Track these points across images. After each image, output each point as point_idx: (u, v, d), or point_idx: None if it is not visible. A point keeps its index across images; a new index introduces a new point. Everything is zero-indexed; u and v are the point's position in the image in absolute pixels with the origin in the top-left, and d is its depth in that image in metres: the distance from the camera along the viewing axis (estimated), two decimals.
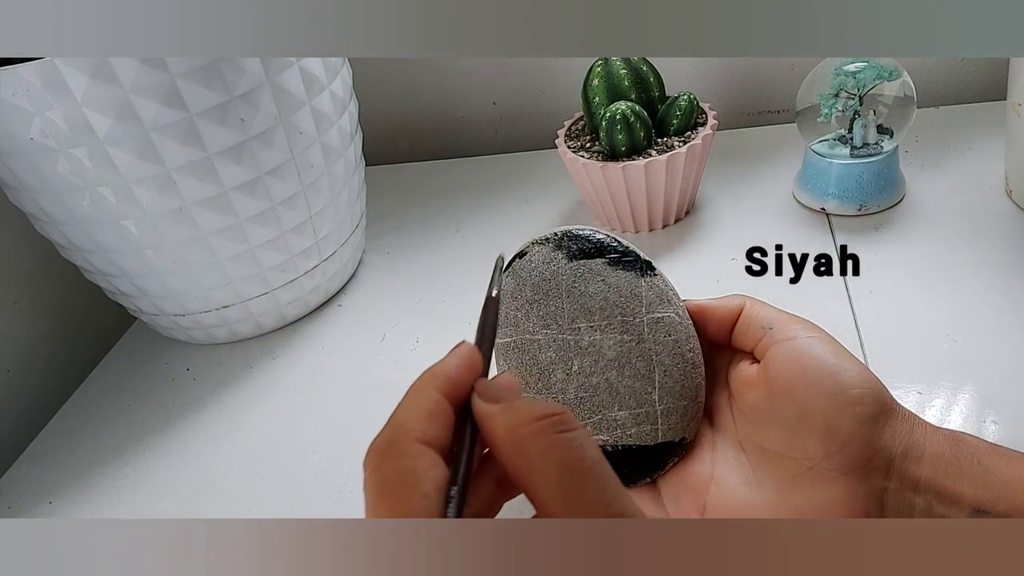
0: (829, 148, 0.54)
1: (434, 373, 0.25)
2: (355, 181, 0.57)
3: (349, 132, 0.55)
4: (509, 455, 0.22)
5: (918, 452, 0.29)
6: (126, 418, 0.52)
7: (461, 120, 0.78)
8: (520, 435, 0.22)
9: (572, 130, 0.59)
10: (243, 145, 0.46)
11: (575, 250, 0.35)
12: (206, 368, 0.55)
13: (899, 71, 0.51)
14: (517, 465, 0.22)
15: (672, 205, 0.56)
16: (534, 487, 0.22)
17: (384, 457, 0.22)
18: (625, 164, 0.52)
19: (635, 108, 0.52)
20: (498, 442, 0.23)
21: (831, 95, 0.51)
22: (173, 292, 0.51)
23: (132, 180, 0.44)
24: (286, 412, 0.49)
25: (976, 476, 0.27)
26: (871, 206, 0.54)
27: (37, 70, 0.39)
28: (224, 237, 0.49)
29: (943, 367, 0.41)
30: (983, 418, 0.38)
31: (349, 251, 0.59)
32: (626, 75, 0.54)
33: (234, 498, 0.44)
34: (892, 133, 0.53)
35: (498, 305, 0.28)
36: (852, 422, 0.29)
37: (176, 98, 0.42)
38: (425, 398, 0.24)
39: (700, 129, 0.55)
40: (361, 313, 0.58)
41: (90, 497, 0.46)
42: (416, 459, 0.22)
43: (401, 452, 0.22)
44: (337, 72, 0.52)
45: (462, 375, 0.25)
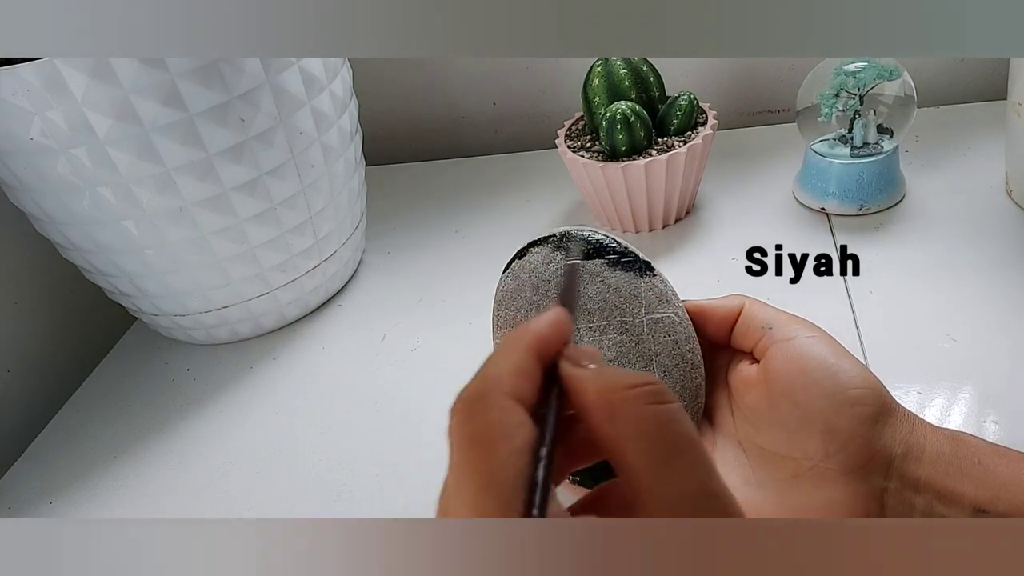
0: (829, 148, 0.54)
1: (526, 330, 0.24)
2: (355, 181, 0.57)
3: (349, 132, 0.55)
4: (599, 420, 0.22)
5: (918, 452, 0.29)
6: (126, 418, 0.52)
7: (461, 120, 0.78)
8: (613, 400, 0.21)
9: (572, 130, 0.59)
10: (243, 145, 0.46)
11: (574, 251, 0.35)
12: (206, 368, 0.55)
13: (899, 71, 0.51)
14: (607, 431, 0.21)
15: (672, 205, 0.56)
16: (624, 454, 0.21)
17: (475, 408, 0.21)
18: (625, 164, 0.52)
19: (635, 108, 0.52)
20: (589, 406, 0.22)
21: (831, 95, 0.51)
22: (173, 292, 0.51)
23: (132, 180, 0.44)
24: (286, 412, 0.49)
25: (976, 476, 0.27)
26: (871, 206, 0.54)
27: (37, 70, 0.39)
28: (224, 237, 0.49)
29: (943, 367, 0.41)
30: (983, 418, 0.38)
31: (349, 251, 0.59)
32: (626, 75, 0.54)
33: (234, 498, 0.44)
34: (892, 133, 0.53)
35: (578, 272, 0.28)
36: (852, 422, 0.29)
37: (176, 98, 0.42)
38: (516, 354, 0.23)
39: (700, 129, 0.55)
40: (361, 313, 0.58)
41: (90, 497, 0.46)
42: (507, 413, 0.21)
43: (492, 404, 0.21)
44: (337, 72, 0.52)
45: (553, 336, 0.24)
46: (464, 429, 0.21)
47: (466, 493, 0.20)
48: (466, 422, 0.21)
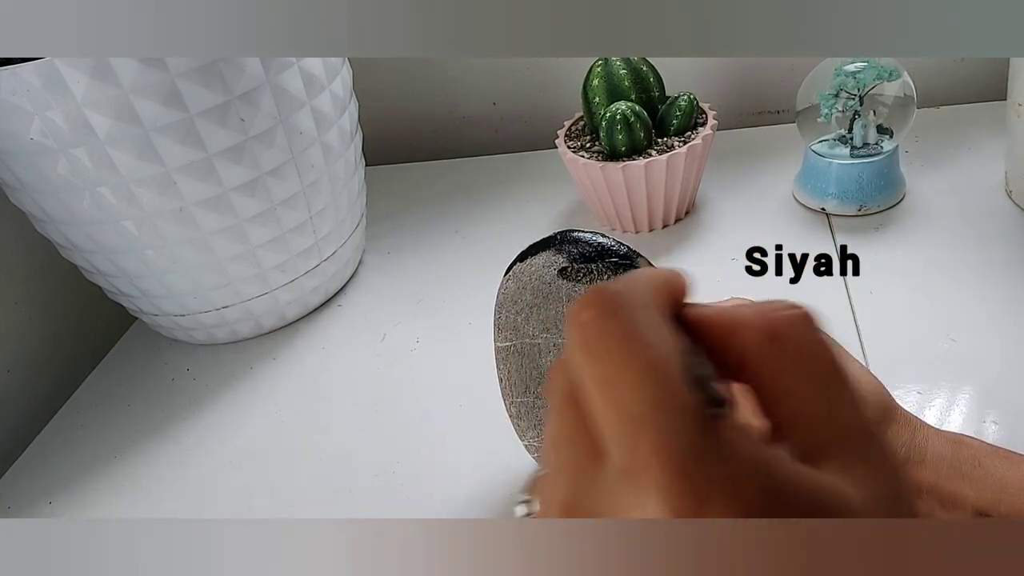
0: (829, 148, 0.54)
1: (651, 271, 0.21)
2: (355, 181, 0.57)
3: (349, 132, 0.55)
4: (759, 341, 0.19)
5: (919, 455, 0.29)
6: (126, 418, 0.52)
7: (461, 120, 0.78)
8: (775, 319, 0.19)
9: (572, 130, 0.59)
10: (243, 145, 0.46)
11: (575, 254, 0.35)
12: (206, 368, 0.55)
13: (899, 71, 0.51)
14: (767, 353, 0.19)
15: (672, 205, 0.56)
16: (787, 377, 0.19)
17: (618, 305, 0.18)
18: (625, 164, 0.52)
19: (635, 108, 0.52)
20: (747, 325, 0.19)
21: (831, 95, 0.51)
22: (173, 292, 0.51)
23: (132, 180, 0.44)
24: (286, 412, 0.49)
25: (977, 478, 0.27)
26: (871, 206, 0.54)
27: (37, 70, 0.39)
28: (224, 237, 0.49)
29: (943, 367, 0.41)
30: (983, 418, 0.38)
31: (349, 251, 0.59)
32: (626, 75, 0.54)
33: (234, 498, 0.44)
34: (892, 133, 0.53)
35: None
36: None
37: (176, 98, 0.42)
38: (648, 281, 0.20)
39: (700, 129, 0.55)
40: (361, 313, 0.58)
41: (90, 497, 0.46)
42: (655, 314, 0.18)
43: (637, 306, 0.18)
44: (337, 72, 0.52)
45: (680, 281, 0.21)
46: (609, 321, 0.17)
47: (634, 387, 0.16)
48: (613, 314, 0.18)
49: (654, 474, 0.16)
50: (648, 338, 0.17)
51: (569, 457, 0.18)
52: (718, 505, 0.15)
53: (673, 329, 0.18)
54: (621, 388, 0.17)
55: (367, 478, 0.43)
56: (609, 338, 0.17)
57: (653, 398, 0.16)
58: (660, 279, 0.20)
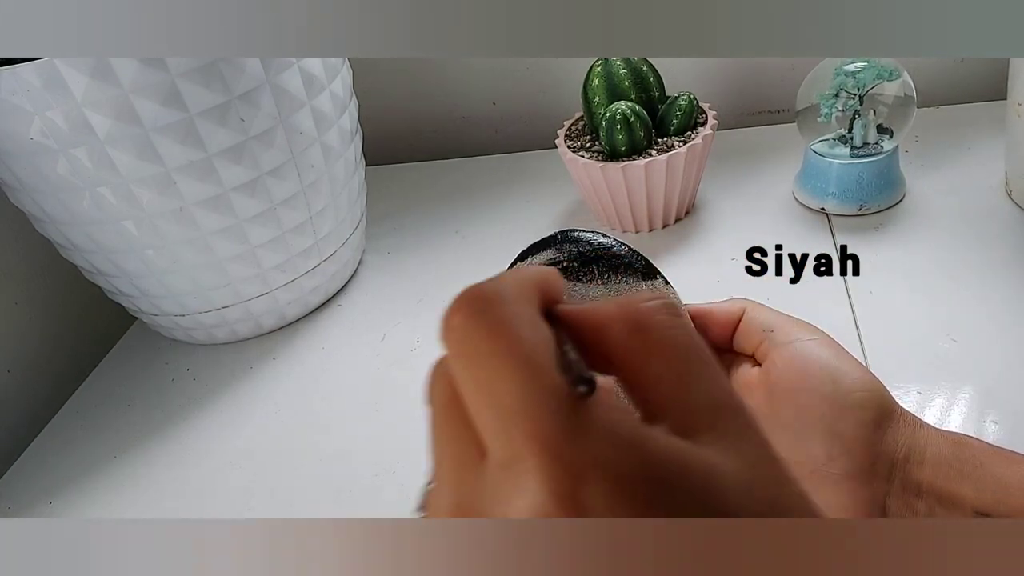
0: (829, 148, 0.54)
1: (523, 269, 0.22)
2: (355, 181, 0.57)
3: (349, 132, 0.55)
4: (621, 332, 0.20)
5: (919, 455, 0.29)
6: (126, 418, 0.52)
7: (461, 120, 0.78)
8: (636, 311, 0.20)
9: (572, 130, 0.59)
10: (243, 145, 0.46)
11: (576, 253, 0.35)
12: (206, 368, 0.55)
13: (899, 71, 0.51)
14: (628, 343, 0.20)
15: (672, 205, 0.56)
16: (648, 364, 0.19)
17: (487, 302, 0.19)
18: (625, 164, 0.52)
19: (635, 108, 0.52)
20: (610, 318, 0.20)
21: (831, 95, 0.51)
22: (173, 292, 0.51)
23: (132, 180, 0.44)
24: (286, 412, 0.49)
25: (977, 479, 0.27)
26: (871, 206, 0.54)
27: (37, 70, 0.39)
28: (224, 237, 0.49)
29: (943, 367, 0.41)
30: (983, 418, 0.38)
31: (349, 251, 0.59)
32: (626, 75, 0.54)
33: (234, 498, 0.44)
34: (892, 133, 0.53)
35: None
36: (854, 426, 0.29)
37: (176, 98, 0.42)
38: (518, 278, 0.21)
39: (700, 129, 0.55)
40: (361, 313, 0.58)
41: (90, 497, 0.46)
42: (526, 307, 0.19)
43: (506, 300, 0.19)
44: (337, 72, 0.52)
45: (552, 280, 0.22)
46: (478, 321, 0.18)
47: (504, 380, 0.17)
48: (480, 314, 0.18)
49: (530, 460, 0.16)
50: (516, 331, 0.18)
51: (452, 461, 0.19)
52: (594, 483, 0.16)
53: (542, 321, 0.19)
54: (493, 383, 0.17)
55: (367, 478, 0.43)
56: (478, 338, 0.18)
57: (524, 389, 0.17)
58: (530, 276, 0.21)
